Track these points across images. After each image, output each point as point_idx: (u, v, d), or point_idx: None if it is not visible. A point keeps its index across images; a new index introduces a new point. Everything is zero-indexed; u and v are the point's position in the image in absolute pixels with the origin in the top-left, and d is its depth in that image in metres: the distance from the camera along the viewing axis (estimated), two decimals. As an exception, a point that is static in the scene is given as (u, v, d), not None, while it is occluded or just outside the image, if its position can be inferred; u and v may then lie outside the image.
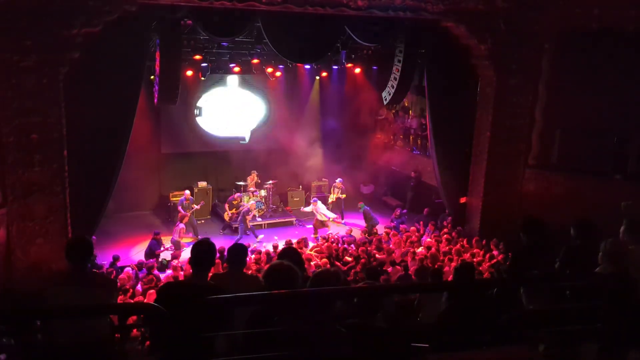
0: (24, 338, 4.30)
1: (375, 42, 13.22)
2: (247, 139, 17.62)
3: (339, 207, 17.04)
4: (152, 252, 13.06)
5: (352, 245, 12.89)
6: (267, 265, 4.22)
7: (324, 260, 11.07)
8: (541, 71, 12.43)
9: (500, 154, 12.64)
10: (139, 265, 11.64)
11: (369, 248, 12.31)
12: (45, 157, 9.50)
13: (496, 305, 4.21)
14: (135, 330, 4.69)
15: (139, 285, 10.19)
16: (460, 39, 11.99)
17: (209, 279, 4.51)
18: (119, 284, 10.19)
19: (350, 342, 3.39)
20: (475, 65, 12.46)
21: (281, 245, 12.26)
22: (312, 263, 10.66)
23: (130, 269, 11.09)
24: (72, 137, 9.89)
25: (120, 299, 8.96)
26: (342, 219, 16.87)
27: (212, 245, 4.46)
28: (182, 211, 15.09)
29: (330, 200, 17.33)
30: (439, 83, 13.37)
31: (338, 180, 17.11)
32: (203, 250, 4.35)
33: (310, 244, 13.11)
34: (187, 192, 15.58)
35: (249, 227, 15.24)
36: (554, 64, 12.29)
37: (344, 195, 16.97)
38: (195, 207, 15.52)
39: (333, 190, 17.19)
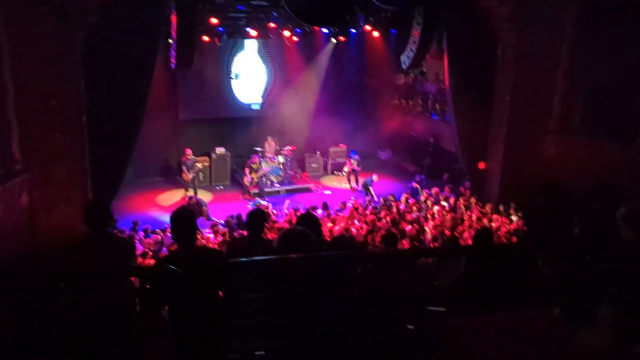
0: (49, 300, 4.41)
1: (394, 4, 12.92)
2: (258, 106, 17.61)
3: (353, 178, 17.05)
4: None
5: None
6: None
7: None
8: (564, 32, 12.11)
9: (521, 118, 12.43)
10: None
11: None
12: (65, 123, 9.57)
13: (514, 269, 4.20)
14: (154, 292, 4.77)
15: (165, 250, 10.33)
16: (480, 0, 11.70)
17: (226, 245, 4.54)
18: (144, 248, 10.36)
19: (366, 306, 3.42)
20: (496, 27, 12.17)
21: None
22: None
23: (157, 235, 11.24)
24: (91, 103, 9.95)
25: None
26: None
27: (190, 213, 4.15)
28: (187, 172, 15.44)
29: (345, 170, 17.34)
30: (459, 46, 13.09)
31: (354, 155, 17.04)
32: (181, 219, 4.05)
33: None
34: (189, 150, 15.79)
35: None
36: (578, 24, 11.96)
37: (359, 167, 16.93)
38: (199, 165, 15.81)
39: (349, 161, 17.15)
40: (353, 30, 16.95)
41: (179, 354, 3.50)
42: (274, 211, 13.19)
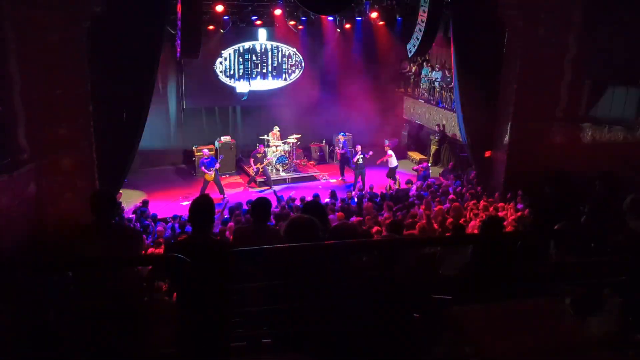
0: (57, 289, 4.44)
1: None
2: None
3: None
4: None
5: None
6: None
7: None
8: (571, 21, 12.01)
9: (527, 107, 12.35)
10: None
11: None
12: (71, 113, 9.58)
13: (520, 257, 4.19)
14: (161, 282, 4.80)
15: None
16: (487, -13, 11.60)
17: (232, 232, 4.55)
18: (153, 237, 10.40)
19: (370, 294, 3.43)
20: (503, 15, 12.07)
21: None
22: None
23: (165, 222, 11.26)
24: (97, 93, 9.95)
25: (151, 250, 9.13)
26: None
27: (210, 202, 4.22)
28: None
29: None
30: (466, 34, 12.99)
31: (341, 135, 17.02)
32: (200, 208, 4.15)
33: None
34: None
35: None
36: (584, 13, 11.85)
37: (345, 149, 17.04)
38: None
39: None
40: (359, 18, 16.85)
41: (184, 341, 3.52)
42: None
